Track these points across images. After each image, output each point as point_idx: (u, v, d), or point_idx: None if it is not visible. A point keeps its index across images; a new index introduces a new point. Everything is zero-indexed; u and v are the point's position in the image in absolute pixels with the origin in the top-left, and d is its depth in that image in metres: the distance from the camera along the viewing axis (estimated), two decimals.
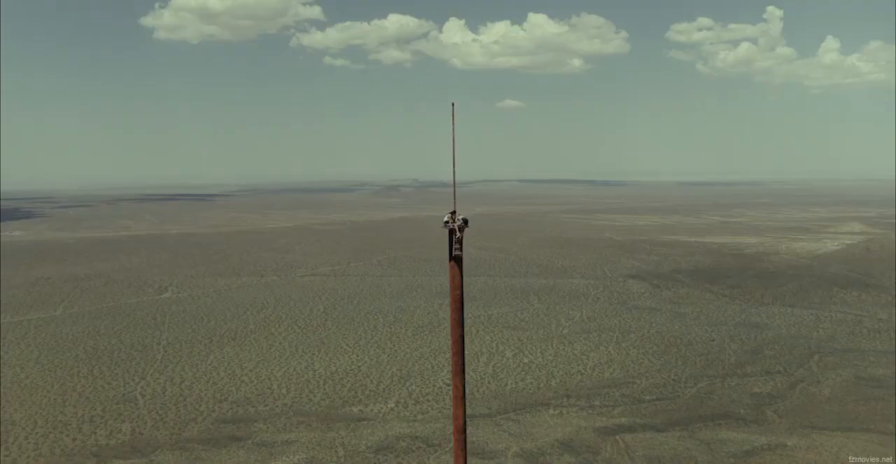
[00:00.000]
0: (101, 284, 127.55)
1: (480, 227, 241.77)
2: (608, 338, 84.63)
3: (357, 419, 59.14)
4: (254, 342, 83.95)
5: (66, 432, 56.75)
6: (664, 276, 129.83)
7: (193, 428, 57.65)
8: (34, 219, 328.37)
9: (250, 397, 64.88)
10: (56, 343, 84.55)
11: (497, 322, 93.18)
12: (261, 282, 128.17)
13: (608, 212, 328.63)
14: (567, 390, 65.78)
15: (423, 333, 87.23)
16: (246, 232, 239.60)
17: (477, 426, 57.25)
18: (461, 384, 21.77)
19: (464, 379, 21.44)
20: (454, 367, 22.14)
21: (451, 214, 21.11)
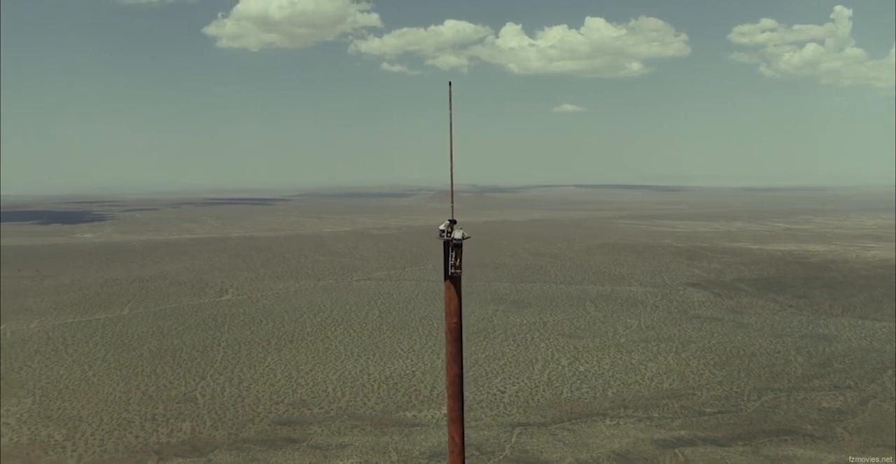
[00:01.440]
0: (166, 285, 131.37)
1: (536, 233, 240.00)
2: (667, 348, 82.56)
3: (411, 425, 59.08)
4: (310, 345, 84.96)
5: (130, 429, 58.36)
6: (726, 284, 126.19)
7: (250, 429, 58.54)
8: (103, 222, 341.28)
9: (306, 399, 65.57)
10: (122, 342, 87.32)
11: (552, 329, 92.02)
12: (318, 285, 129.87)
13: (667, 218, 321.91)
14: (624, 401, 64.34)
15: (478, 339, 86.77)
16: (304, 236, 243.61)
17: (531, 435, 56.48)
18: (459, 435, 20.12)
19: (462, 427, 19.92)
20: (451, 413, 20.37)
21: (448, 223, 19.83)
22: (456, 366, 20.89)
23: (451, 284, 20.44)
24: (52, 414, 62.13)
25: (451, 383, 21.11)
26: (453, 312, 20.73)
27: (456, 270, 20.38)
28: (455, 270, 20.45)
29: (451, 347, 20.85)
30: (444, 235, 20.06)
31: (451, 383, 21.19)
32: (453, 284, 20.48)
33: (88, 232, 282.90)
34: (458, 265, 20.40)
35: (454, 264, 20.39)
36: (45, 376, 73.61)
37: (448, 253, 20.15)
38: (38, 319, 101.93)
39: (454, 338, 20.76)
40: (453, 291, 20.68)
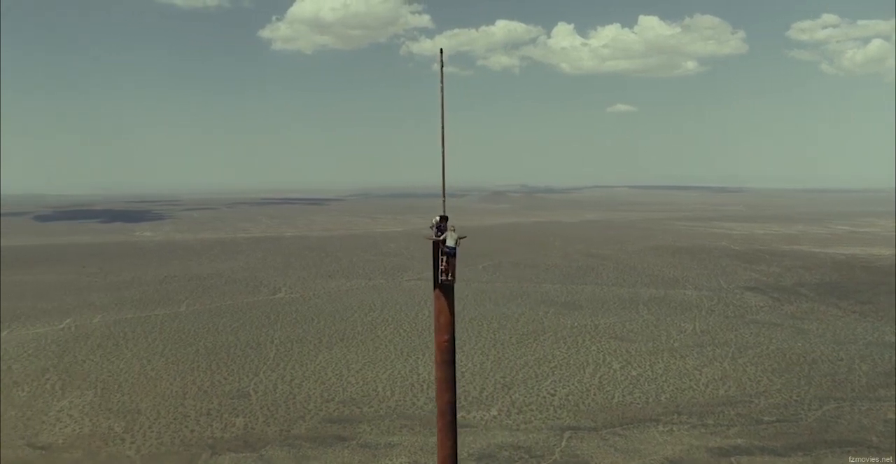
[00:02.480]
0: (222, 283, 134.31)
1: (588, 234, 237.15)
2: (723, 353, 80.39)
3: (460, 426, 58.54)
4: (360, 344, 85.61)
5: (186, 423, 59.75)
6: (786, 289, 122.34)
7: (301, 426, 59.25)
8: (162, 221, 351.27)
9: (356, 398, 66.05)
10: (179, 338, 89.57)
11: (604, 332, 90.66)
12: (369, 285, 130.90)
13: (724, 219, 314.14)
14: (678, 407, 62.88)
15: (528, 341, 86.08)
16: (356, 236, 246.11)
17: (582, 439, 55.68)
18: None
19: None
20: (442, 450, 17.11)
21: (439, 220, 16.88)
22: (448, 393, 17.46)
23: (442, 293, 17.08)
24: (112, 406, 64.10)
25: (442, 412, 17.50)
26: (444, 328, 17.21)
27: (447, 277, 16.92)
28: (446, 277, 16.91)
29: (442, 370, 17.29)
30: (433, 233, 16.91)
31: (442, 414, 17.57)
32: (444, 293, 17.11)
33: (148, 231, 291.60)
34: (451, 272, 16.95)
35: (444, 270, 16.72)
36: (107, 369, 76.02)
37: (437, 257, 16.80)
38: (100, 314, 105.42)
39: (445, 360, 17.25)
40: (444, 303, 17.20)
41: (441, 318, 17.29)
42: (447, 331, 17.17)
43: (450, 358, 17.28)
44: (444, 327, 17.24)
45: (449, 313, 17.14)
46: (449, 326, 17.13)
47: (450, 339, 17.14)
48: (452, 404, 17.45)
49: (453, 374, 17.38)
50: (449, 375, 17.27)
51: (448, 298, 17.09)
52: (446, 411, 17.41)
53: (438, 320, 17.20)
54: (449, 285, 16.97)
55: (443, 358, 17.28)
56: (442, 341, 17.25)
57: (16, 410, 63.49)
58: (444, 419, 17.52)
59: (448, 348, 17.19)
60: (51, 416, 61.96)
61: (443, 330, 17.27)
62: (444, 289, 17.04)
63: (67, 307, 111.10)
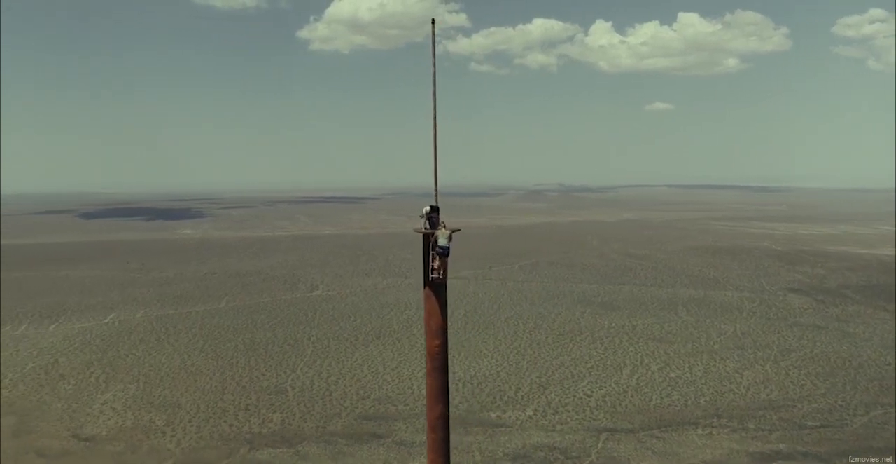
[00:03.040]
0: (260, 280, 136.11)
1: (625, 233, 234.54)
2: (765, 356, 78.72)
3: (495, 425, 58.71)
4: (396, 342, 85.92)
5: (224, 418, 60.64)
6: (830, 291, 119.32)
7: (337, 422, 59.67)
8: (202, 219, 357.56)
9: (391, 395, 66.29)
10: (219, 334, 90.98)
11: (641, 333, 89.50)
12: (404, 283, 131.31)
13: (766, 219, 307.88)
14: (717, 410, 61.75)
15: (564, 341, 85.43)
16: (392, 234, 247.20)
17: (618, 442, 55.04)
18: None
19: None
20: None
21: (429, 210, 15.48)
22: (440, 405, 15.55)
23: (433, 293, 15.33)
24: (154, 400, 65.38)
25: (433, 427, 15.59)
26: (435, 332, 15.38)
27: (439, 275, 15.17)
28: (437, 275, 15.18)
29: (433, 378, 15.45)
30: (423, 224, 15.34)
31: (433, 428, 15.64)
32: (435, 293, 15.37)
33: (189, 228, 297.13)
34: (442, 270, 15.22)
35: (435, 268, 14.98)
36: (149, 363, 77.58)
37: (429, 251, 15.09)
38: (143, 309, 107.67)
39: (436, 367, 15.40)
40: (435, 303, 15.38)
41: (432, 320, 15.47)
42: (439, 335, 15.34)
43: (441, 365, 15.46)
44: (435, 331, 15.44)
45: (441, 315, 15.48)
46: (441, 329, 15.44)
47: (442, 344, 15.35)
48: (445, 418, 15.47)
49: (446, 383, 15.50)
50: (441, 384, 15.47)
51: (440, 299, 15.54)
52: (437, 425, 15.47)
53: (429, 323, 15.46)
54: (440, 284, 15.42)
55: (434, 365, 15.32)
56: (433, 346, 15.37)
57: (62, 402, 65.18)
58: (435, 435, 15.58)
59: (440, 353, 15.40)
60: (95, 408, 63.45)
61: (434, 334, 15.38)
62: (436, 288, 15.41)
63: (112, 303, 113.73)
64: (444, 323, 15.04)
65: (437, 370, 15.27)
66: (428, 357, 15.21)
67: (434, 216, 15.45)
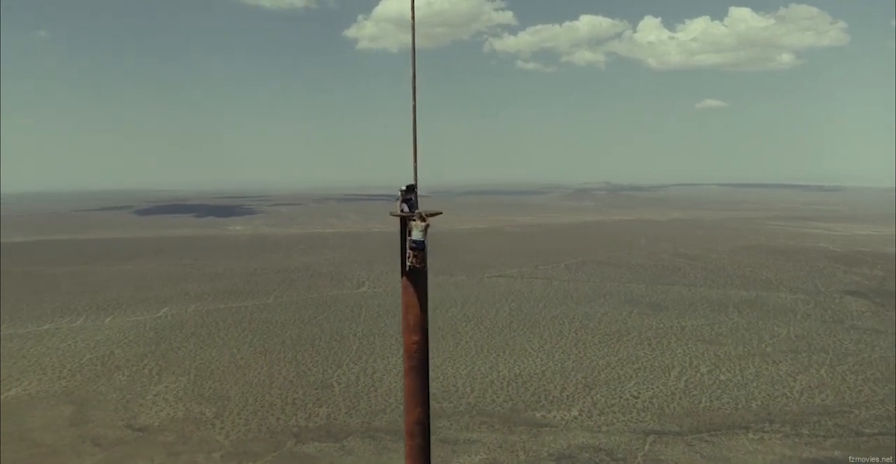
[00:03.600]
0: (307, 276, 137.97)
1: (675, 233, 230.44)
2: (820, 360, 76.34)
3: (539, 425, 58.30)
4: (441, 340, 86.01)
5: (272, 411, 61.61)
6: (890, 293, 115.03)
7: (382, 418, 60.06)
8: (252, 215, 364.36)
9: (435, 393, 66.37)
10: (267, 329, 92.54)
11: (691, 335, 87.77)
12: (449, 281, 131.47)
13: (821, 219, 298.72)
14: (770, 414, 60.14)
15: (611, 341, 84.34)
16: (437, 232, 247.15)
17: (666, 444, 54.07)
18: None
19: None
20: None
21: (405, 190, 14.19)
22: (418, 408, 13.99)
23: (410, 283, 13.74)
24: (204, 392, 66.84)
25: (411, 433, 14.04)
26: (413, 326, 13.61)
27: (417, 262, 13.75)
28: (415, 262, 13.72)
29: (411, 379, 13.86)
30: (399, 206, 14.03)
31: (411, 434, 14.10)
32: (413, 283, 13.73)
33: (239, 225, 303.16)
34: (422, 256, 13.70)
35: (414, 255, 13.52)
36: (199, 356, 79.35)
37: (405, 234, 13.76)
38: (195, 303, 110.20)
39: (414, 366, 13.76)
40: (413, 295, 13.63)
41: (410, 314, 13.50)
42: (418, 330, 13.53)
43: (420, 364, 13.70)
44: (413, 326, 13.59)
45: (419, 308, 13.45)
46: (420, 324, 13.56)
47: (421, 340, 13.55)
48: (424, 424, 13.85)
49: (426, 384, 13.78)
50: (420, 385, 13.71)
51: (418, 289, 13.58)
52: (416, 431, 13.73)
53: (406, 317, 13.59)
54: (420, 272, 13.63)
55: (411, 364, 13.67)
56: (411, 343, 13.58)
57: (117, 392, 67.16)
58: (413, 442, 13.88)
59: (418, 351, 13.65)
60: (148, 399, 65.20)
61: (412, 329, 13.57)
62: (414, 277, 13.62)
63: (165, 296, 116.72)
64: (423, 317, 13.45)
65: (415, 370, 13.69)
66: (405, 355, 13.60)
67: (410, 198, 13.94)
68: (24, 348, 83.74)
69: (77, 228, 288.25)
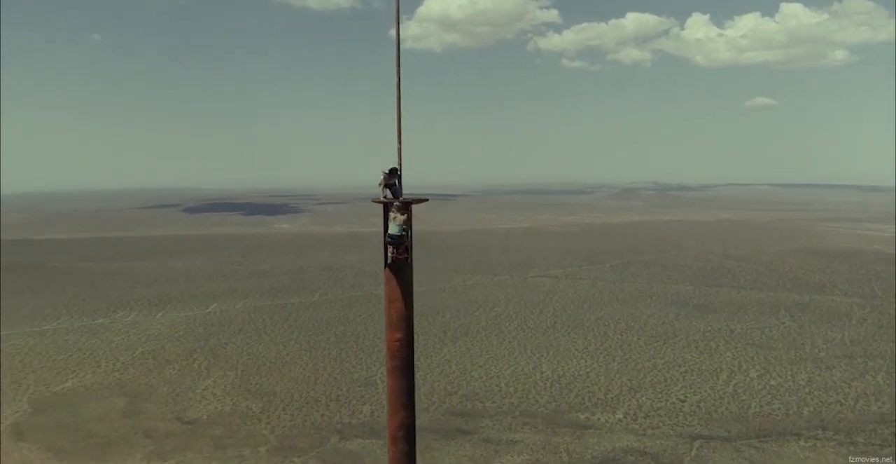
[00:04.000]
0: (351, 274, 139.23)
1: (724, 234, 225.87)
2: (876, 366, 73.84)
3: (583, 427, 57.72)
4: (484, 339, 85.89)
5: (316, 408, 62.32)
6: None
7: (425, 417, 60.15)
8: (298, 214, 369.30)
9: (479, 392, 66.30)
10: (312, 326, 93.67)
11: (740, 338, 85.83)
12: (493, 280, 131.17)
13: (877, 221, 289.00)
14: (822, 421, 58.42)
15: (657, 344, 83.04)
16: (482, 231, 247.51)
17: (713, 450, 52.97)
18: None
19: None
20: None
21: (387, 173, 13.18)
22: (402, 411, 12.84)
23: (393, 275, 12.78)
24: (251, 388, 68.00)
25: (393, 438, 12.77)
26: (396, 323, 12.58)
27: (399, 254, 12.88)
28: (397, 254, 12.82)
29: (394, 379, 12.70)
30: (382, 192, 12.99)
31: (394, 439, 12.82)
32: (396, 275, 12.74)
33: (285, 223, 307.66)
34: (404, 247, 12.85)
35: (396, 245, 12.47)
36: (247, 352, 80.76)
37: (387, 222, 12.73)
38: (242, 300, 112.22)
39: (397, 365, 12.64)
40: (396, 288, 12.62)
41: (392, 308, 12.37)
42: (401, 326, 12.40)
43: (404, 364, 12.47)
44: (396, 321, 12.41)
45: (403, 302, 12.35)
46: (403, 319, 12.44)
47: (405, 337, 12.36)
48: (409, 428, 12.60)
49: (410, 386, 12.57)
50: (403, 386, 12.52)
51: (402, 282, 12.50)
52: (399, 437, 12.46)
53: (389, 312, 12.52)
54: (403, 264, 12.65)
55: (394, 364, 12.51)
56: (393, 340, 12.43)
57: (167, 386, 68.80)
58: (396, 447, 12.58)
59: (402, 349, 12.39)
60: (197, 393, 66.62)
61: (395, 325, 12.40)
62: (397, 269, 12.62)
63: (214, 293, 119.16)
64: (407, 312, 12.33)
65: (398, 370, 12.43)
66: (387, 353, 12.33)
67: (393, 183, 12.90)
68: (80, 340, 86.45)
69: (129, 226, 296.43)
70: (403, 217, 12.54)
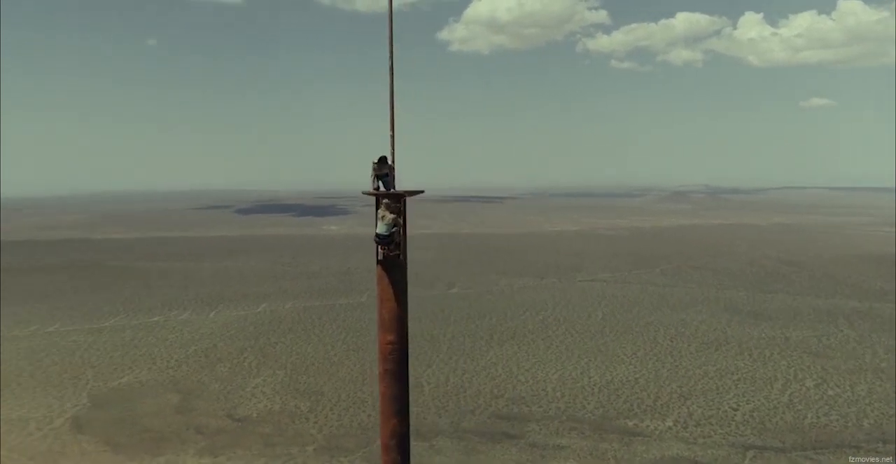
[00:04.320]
0: None
1: (778, 238, 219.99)
2: None
3: (631, 433, 56.83)
4: (531, 343, 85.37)
5: (363, 408, 62.82)
6: None
7: (471, 420, 60.12)
8: (346, 215, 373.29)
9: (525, 396, 65.90)
10: (359, 327, 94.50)
11: (795, 346, 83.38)
12: (541, 284, 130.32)
13: None
14: (883, 434, 56.28)
15: (709, 351, 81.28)
16: (529, 234, 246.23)
17: (767, 460, 51.55)
18: None
19: None
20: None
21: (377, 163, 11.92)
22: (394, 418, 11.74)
23: (385, 273, 11.67)
24: (299, 387, 68.94)
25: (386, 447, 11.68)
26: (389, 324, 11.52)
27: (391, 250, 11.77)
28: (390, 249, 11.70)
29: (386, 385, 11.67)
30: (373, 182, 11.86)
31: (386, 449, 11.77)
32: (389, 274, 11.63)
33: (334, 224, 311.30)
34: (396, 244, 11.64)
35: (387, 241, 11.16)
36: (296, 352, 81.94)
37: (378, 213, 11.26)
38: (292, 301, 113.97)
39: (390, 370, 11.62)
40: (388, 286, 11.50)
41: (384, 309, 11.28)
42: (393, 328, 11.30)
43: (397, 368, 11.40)
44: (388, 322, 11.38)
45: (396, 302, 11.18)
46: (396, 320, 11.26)
47: (398, 340, 11.24)
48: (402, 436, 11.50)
49: (404, 391, 11.47)
50: (396, 392, 11.42)
51: (395, 281, 11.31)
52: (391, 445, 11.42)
53: (381, 312, 11.34)
54: (395, 262, 11.40)
55: (386, 367, 11.50)
56: (385, 343, 11.42)
57: (219, 383, 70.27)
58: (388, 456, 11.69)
59: (394, 352, 11.35)
60: (247, 391, 67.87)
61: (387, 326, 11.39)
62: (388, 266, 11.47)
63: (264, 293, 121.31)
64: (401, 313, 11.03)
65: (390, 375, 11.45)
66: (379, 357, 11.15)
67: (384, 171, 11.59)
68: (136, 337, 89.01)
69: (183, 226, 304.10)
70: (392, 216, 11.22)
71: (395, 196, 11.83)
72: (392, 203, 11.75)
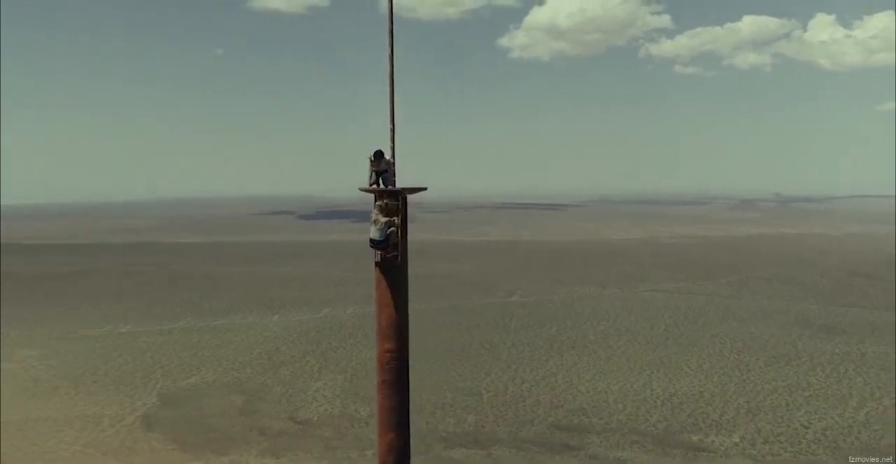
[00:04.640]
0: (455, 284, 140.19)
1: (851, 248, 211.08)
2: None
3: (696, 449, 55.28)
4: (592, 353, 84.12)
5: (421, 415, 62.90)
6: None
7: (530, 429, 59.56)
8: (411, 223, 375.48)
9: (585, 407, 64.91)
10: (417, 334, 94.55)
11: (872, 362, 79.69)
12: (602, 293, 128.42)
13: None
14: None
15: (778, 365, 78.47)
16: (590, 242, 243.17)
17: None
18: None
19: None
20: None
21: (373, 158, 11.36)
22: (392, 433, 11.16)
23: (383, 275, 11.18)
24: (359, 392, 69.61)
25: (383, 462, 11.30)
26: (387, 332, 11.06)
27: (389, 252, 11.26)
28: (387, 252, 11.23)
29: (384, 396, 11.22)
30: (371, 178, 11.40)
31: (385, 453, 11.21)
32: (386, 277, 11.17)
33: None
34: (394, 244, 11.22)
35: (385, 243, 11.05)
36: (355, 357, 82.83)
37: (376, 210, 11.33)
38: (352, 306, 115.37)
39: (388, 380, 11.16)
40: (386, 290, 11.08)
41: (383, 315, 10.85)
42: (392, 336, 10.83)
43: (396, 378, 10.90)
44: (387, 330, 10.88)
45: (395, 308, 10.74)
46: (395, 327, 10.81)
47: (396, 349, 10.78)
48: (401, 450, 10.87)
49: (404, 403, 11.00)
50: (395, 404, 10.88)
51: (394, 285, 10.88)
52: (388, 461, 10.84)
53: (379, 319, 10.98)
54: (394, 264, 10.96)
55: (384, 377, 11.01)
56: (384, 351, 10.98)
57: (281, 386, 71.60)
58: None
59: (393, 362, 10.88)
60: (308, 395, 68.93)
61: (386, 333, 10.90)
62: (387, 269, 10.99)
63: (325, 298, 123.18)
64: (401, 320, 10.72)
65: (388, 386, 10.91)
66: (378, 366, 10.85)
67: (382, 166, 11.15)
68: (202, 339, 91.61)
69: (248, 231, 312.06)
70: (385, 219, 10.77)
71: (394, 194, 11.21)
72: (385, 205, 11.07)
